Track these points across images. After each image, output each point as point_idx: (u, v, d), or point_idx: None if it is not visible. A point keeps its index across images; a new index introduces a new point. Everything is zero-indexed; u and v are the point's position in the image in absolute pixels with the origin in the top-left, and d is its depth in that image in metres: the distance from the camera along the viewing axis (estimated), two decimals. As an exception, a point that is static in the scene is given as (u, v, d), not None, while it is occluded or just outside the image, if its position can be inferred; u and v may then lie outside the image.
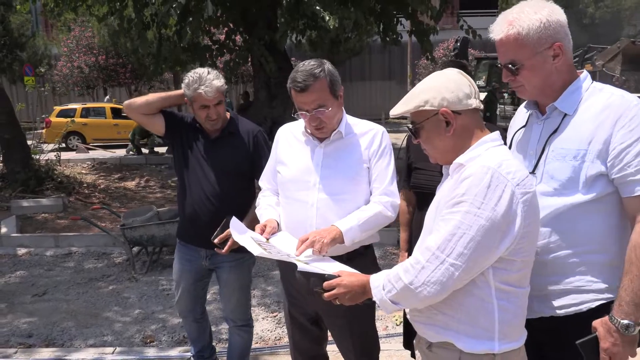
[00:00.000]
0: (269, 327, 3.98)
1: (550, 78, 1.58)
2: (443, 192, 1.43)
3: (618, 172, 1.48)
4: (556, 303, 1.57)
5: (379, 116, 18.07)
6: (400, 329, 3.83)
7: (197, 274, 2.75)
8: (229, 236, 2.37)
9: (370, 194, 2.05)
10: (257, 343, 3.63)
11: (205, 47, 10.23)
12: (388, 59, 24.75)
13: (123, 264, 5.47)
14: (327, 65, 1.97)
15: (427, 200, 2.21)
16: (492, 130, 1.51)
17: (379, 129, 2.09)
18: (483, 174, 1.31)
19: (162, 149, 13.64)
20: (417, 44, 14.36)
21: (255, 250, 1.84)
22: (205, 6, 8.98)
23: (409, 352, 3.01)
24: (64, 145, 13.77)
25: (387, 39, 10.81)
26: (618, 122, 1.49)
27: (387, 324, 3.94)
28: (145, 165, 11.50)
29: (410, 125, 1.52)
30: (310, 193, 2.01)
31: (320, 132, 2.01)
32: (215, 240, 2.39)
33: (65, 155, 11.02)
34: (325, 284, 1.50)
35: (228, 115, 2.65)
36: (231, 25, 10.58)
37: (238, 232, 2.02)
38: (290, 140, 2.15)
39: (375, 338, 2.24)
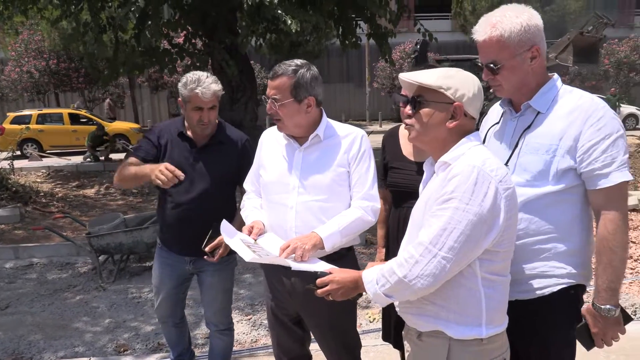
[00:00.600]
0: (244, 330, 4.00)
1: (527, 78, 1.71)
2: (431, 189, 1.51)
3: (586, 166, 1.62)
4: (523, 287, 1.69)
5: (339, 118, 18.25)
6: (374, 325, 3.94)
7: (179, 278, 2.73)
8: (220, 244, 2.38)
9: (351, 198, 2.09)
10: (234, 346, 3.64)
11: (165, 51, 10.07)
12: (346, 62, 25.05)
13: (89, 273, 5.34)
14: (305, 71, 2.01)
15: (404, 198, 2.31)
16: None
17: (358, 132, 2.14)
18: (470, 172, 1.39)
19: (120, 155, 13.34)
20: (374, 47, 14.58)
21: (247, 256, 1.86)
22: (164, 10, 8.87)
23: (385, 346, 3.10)
24: (18, 152, 13.27)
25: (347, 42, 10.96)
26: (587, 121, 1.62)
27: (360, 322, 4.03)
28: (104, 172, 11.20)
29: (415, 97, 1.54)
30: (290, 196, 2.05)
31: (278, 123, 2.07)
32: (207, 249, 2.39)
33: (17, 163, 10.60)
34: (319, 280, 1.56)
35: (217, 121, 2.61)
36: (189, 28, 10.47)
37: (229, 235, 2.04)
38: (272, 144, 2.19)
39: (356, 336, 2.30)
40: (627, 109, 20.65)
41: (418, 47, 12.80)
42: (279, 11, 8.15)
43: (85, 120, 16.21)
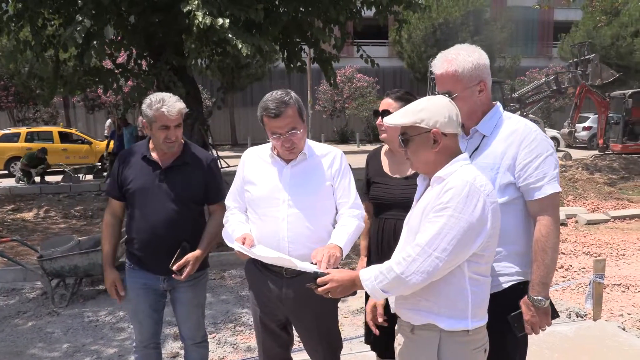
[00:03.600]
0: (210, 348, 4.00)
1: (475, 107, 2.02)
2: (427, 199, 1.72)
3: (523, 181, 1.93)
4: None
5: (282, 140, 18.41)
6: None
7: (155, 297, 2.75)
8: (187, 263, 2.50)
9: (336, 209, 2.31)
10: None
11: (109, 72, 9.91)
12: (288, 85, 25.39)
13: (38, 298, 5.14)
14: (293, 93, 2.22)
15: (383, 209, 2.53)
16: None
17: (337, 151, 2.38)
18: (463, 186, 1.63)
19: (56, 178, 12.80)
20: (316, 71, 14.96)
21: (251, 254, 2.02)
22: (106, 30, 8.77)
23: (361, 354, 3.28)
24: (6, 172, 12.74)
25: (292, 65, 11.25)
26: (522, 143, 1.95)
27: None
28: (41, 195, 10.73)
29: (400, 136, 1.77)
30: (280, 209, 2.23)
31: (291, 152, 2.24)
32: (174, 267, 2.48)
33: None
34: (319, 279, 1.74)
35: (182, 141, 2.69)
36: (133, 49, 10.38)
37: (229, 240, 2.20)
38: (257, 162, 2.35)
39: (339, 336, 2.49)
40: (549, 132, 22.33)
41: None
42: (229, 35, 8.30)
43: (77, 139, 16.16)
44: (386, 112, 2.49)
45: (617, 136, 15.41)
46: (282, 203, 2.23)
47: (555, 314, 2.01)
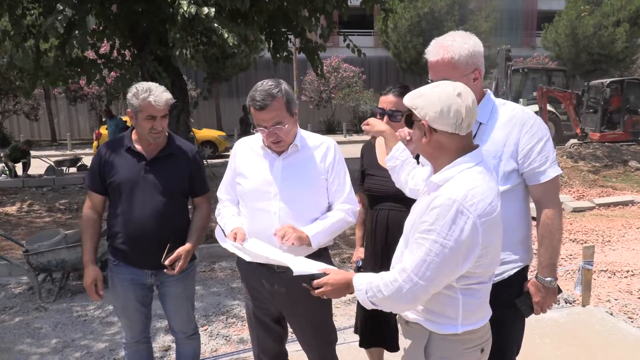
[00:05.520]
0: (202, 340, 3.97)
1: None
2: (419, 207, 1.62)
3: (527, 166, 1.94)
4: None
5: (269, 131, 18.35)
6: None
7: (143, 292, 2.71)
8: (179, 257, 2.47)
9: (328, 202, 2.26)
10: (194, 356, 3.65)
11: (92, 62, 9.72)
12: (274, 75, 25.15)
13: (25, 293, 5.06)
14: (284, 85, 2.14)
15: (377, 201, 2.52)
16: None
17: (330, 142, 2.31)
18: (449, 208, 1.47)
19: (40, 170, 12.58)
20: (302, 61, 14.86)
21: (247, 257, 1.98)
22: (88, 20, 8.59)
23: (346, 345, 3.27)
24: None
25: (278, 55, 11.15)
26: (523, 129, 1.95)
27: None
28: (24, 189, 10.53)
29: (407, 115, 1.66)
30: (271, 203, 2.18)
31: (277, 145, 2.17)
32: (166, 262, 2.44)
33: None
34: (315, 282, 1.70)
35: (166, 133, 2.63)
36: (116, 39, 10.19)
37: (222, 241, 2.15)
38: (249, 154, 2.29)
39: (334, 329, 2.46)
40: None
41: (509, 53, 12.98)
42: (215, 24, 8.17)
43: None
44: (394, 112, 2.43)
45: (596, 125, 15.56)
46: (273, 196, 2.18)
47: (559, 290, 2.05)
